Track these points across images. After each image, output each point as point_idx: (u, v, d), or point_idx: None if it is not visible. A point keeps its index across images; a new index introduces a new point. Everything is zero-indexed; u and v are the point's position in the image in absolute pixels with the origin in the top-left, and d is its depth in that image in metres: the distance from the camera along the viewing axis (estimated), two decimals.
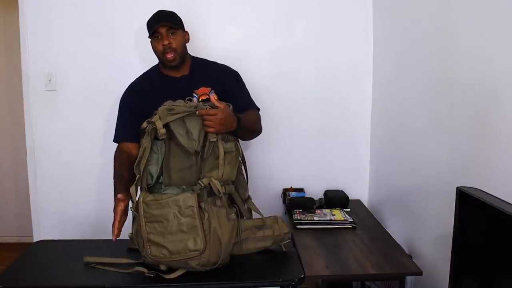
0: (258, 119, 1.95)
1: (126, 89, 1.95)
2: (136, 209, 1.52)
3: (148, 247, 1.48)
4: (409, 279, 1.86)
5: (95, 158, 2.41)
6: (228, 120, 1.57)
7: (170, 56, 1.85)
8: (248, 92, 2.02)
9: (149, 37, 1.89)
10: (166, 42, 1.84)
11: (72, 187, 2.44)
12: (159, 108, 1.55)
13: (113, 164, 1.81)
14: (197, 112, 1.51)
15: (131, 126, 1.79)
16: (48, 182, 2.44)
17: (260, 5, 2.43)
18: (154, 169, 1.56)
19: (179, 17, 1.92)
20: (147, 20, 1.89)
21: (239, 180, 1.61)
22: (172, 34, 1.85)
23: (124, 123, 1.91)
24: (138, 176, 1.54)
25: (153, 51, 1.90)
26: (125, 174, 1.70)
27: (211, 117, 1.51)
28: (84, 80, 2.39)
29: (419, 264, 1.72)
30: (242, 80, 2.02)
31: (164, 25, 1.84)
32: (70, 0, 2.34)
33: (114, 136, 1.93)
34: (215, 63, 2.02)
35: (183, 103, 1.55)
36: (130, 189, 1.55)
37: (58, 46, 2.36)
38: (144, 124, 1.57)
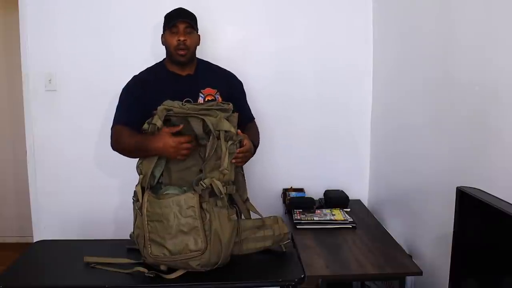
0: (259, 133, 1.98)
1: (130, 80, 1.93)
2: (139, 208, 1.52)
3: (149, 246, 1.49)
4: (409, 279, 1.86)
5: (95, 158, 2.41)
6: (251, 151, 1.69)
7: (182, 52, 1.85)
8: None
9: (165, 30, 1.89)
10: (182, 38, 1.84)
11: (72, 187, 2.44)
12: (158, 108, 1.55)
13: (119, 145, 1.76)
14: (237, 150, 1.56)
15: (133, 112, 1.78)
16: (48, 182, 2.44)
17: (260, 5, 2.43)
18: (157, 170, 1.58)
19: (196, 20, 1.93)
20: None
21: (238, 180, 1.61)
22: (189, 33, 1.86)
23: (127, 108, 1.84)
24: (141, 176, 1.55)
25: (164, 44, 1.90)
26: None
27: (246, 154, 1.61)
28: (84, 80, 2.39)
29: (419, 264, 1.72)
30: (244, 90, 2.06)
31: (185, 21, 1.85)
32: (70, 0, 2.34)
33: (115, 120, 1.83)
34: (219, 67, 2.04)
35: (180, 105, 1.55)
36: (136, 188, 1.55)
37: (58, 46, 2.36)
38: (145, 126, 1.57)
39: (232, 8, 2.43)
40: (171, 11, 1.90)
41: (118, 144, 1.78)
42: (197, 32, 1.93)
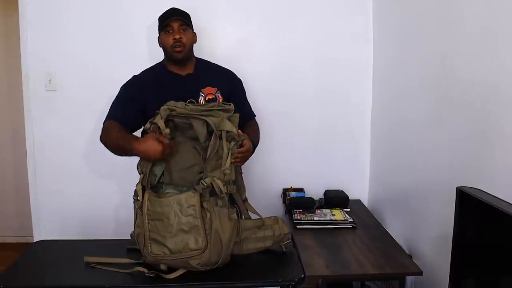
0: (259, 132, 1.98)
1: (129, 80, 1.92)
2: (140, 207, 1.52)
3: (149, 245, 1.49)
4: (409, 279, 1.86)
5: (95, 158, 2.41)
6: (251, 150, 1.70)
7: (179, 49, 1.86)
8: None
9: (159, 31, 1.90)
10: (177, 36, 1.85)
11: (72, 187, 2.44)
12: (161, 108, 1.55)
13: (107, 138, 1.75)
14: (237, 150, 1.57)
15: (127, 111, 1.80)
16: (48, 182, 2.44)
17: (261, 5, 2.43)
18: (157, 169, 1.57)
19: (190, 18, 1.93)
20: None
21: (237, 180, 1.61)
22: (183, 30, 1.87)
23: (122, 106, 1.85)
24: (142, 175, 1.55)
25: (161, 45, 1.91)
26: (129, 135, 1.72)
27: (245, 154, 1.62)
28: (84, 80, 2.39)
29: (419, 264, 1.72)
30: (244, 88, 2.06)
31: (178, 20, 1.86)
32: (70, 1, 2.35)
33: (108, 115, 1.83)
34: (218, 65, 2.04)
35: (183, 106, 1.55)
36: (136, 187, 1.55)
37: (58, 46, 2.36)
38: (147, 125, 1.58)
39: (232, 7, 2.43)
40: (163, 12, 1.91)
41: (106, 138, 1.78)
42: (193, 30, 1.94)
